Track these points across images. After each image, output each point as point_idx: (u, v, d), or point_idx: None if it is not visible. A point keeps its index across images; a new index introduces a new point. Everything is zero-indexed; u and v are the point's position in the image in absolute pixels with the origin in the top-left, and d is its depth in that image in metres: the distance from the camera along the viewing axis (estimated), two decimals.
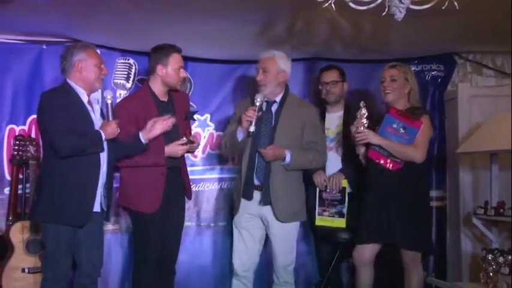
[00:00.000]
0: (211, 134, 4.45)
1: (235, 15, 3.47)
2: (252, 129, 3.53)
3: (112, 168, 3.32)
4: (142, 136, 3.38)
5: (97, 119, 3.27)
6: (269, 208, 3.59)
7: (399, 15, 2.32)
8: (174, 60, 3.53)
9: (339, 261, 4.13)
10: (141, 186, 3.50)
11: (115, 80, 4.24)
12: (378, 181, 3.52)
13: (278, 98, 3.68)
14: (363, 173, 3.79)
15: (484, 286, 3.69)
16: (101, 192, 3.20)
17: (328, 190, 3.92)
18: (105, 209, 3.25)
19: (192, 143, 3.61)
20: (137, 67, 4.27)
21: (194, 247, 4.33)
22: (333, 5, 2.33)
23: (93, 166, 3.16)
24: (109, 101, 3.30)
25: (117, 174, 3.60)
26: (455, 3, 2.33)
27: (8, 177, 3.99)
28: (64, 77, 3.25)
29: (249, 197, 3.63)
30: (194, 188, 4.26)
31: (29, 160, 3.81)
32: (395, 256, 3.57)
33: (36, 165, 3.75)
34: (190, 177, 3.90)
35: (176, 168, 3.64)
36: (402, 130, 3.46)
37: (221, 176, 4.44)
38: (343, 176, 3.92)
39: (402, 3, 2.27)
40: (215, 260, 4.37)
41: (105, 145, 3.19)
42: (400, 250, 3.52)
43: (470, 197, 4.31)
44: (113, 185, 3.39)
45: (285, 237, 3.64)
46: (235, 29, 3.70)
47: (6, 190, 3.98)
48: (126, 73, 4.27)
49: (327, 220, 3.92)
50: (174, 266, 3.71)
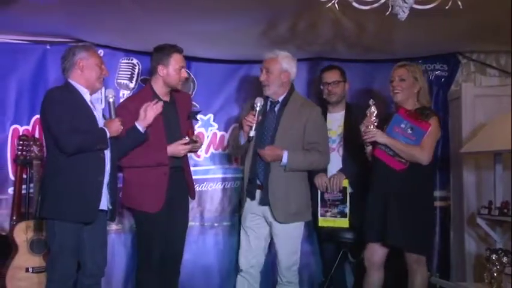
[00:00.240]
0: (214, 134, 4.44)
1: (238, 15, 3.46)
2: (252, 134, 3.54)
3: (115, 167, 3.34)
4: (139, 125, 3.41)
5: (99, 118, 3.29)
6: (268, 208, 3.58)
7: (402, 14, 2.32)
8: (175, 60, 3.54)
9: (343, 261, 4.13)
10: (144, 186, 3.51)
11: (118, 80, 4.24)
12: (382, 181, 3.51)
13: (281, 98, 3.67)
14: (365, 173, 3.80)
15: (488, 286, 3.68)
16: (106, 190, 3.20)
17: (329, 191, 3.92)
18: (110, 207, 3.25)
19: (195, 143, 3.62)
20: (141, 67, 4.27)
21: (198, 247, 4.33)
22: (336, 5, 2.32)
23: (98, 164, 3.17)
24: (111, 100, 3.33)
25: (120, 174, 3.62)
26: (459, 2, 2.32)
27: (12, 177, 3.99)
28: (65, 78, 3.26)
29: (252, 197, 3.64)
30: (197, 188, 4.25)
31: (33, 160, 3.81)
32: (399, 257, 3.57)
33: (40, 165, 3.75)
34: (193, 177, 3.90)
35: (179, 168, 3.65)
36: (410, 131, 3.44)
37: (224, 176, 4.44)
38: (343, 176, 3.92)
39: (406, 2, 2.26)
40: (219, 260, 4.36)
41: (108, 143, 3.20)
42: (404, 251, 3.52)
43: (474, 197, 4.30)
44: (117, 185, 3.40)
45: (288, 237, 3.62)
46: (238, 29, 3.70)
47: (10, 190, 3.99)
48: (129, 73, 4.27)
49: (330, 220, 3.93)
50: (179, 267, 3.72)
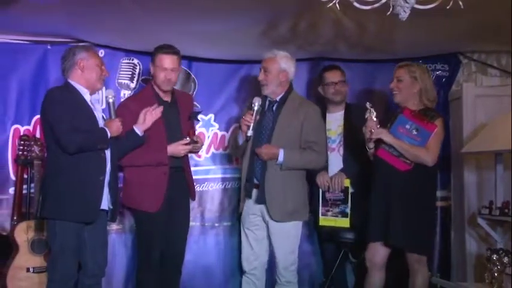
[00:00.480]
0: (215, 134, 4.44)
1: (239, 15, 3.46)
2: (250, 133, 3.55)
3: (116, 167, 3.34)
4: (137, 129, 3.43)
5: (99, 118, 3.29)
6: (264, 207, 3.58)
7: (404, 14, 2.32)
8: (159, 60, 3.56)
9: (343, 261, 4.13)
10: (144, 185, 3.52)
11: (119, 80, 4.24)
12: (385, 181, 3.50)
13: (279, 98, 3.67)
14: (366, 173, 3.80)
15: (489, 286, 3.68)
16: (106, 190, 3.21)
17: (330, 190, 3.92)
18: (110, 207, 3.25)
19: (196, 143, 3.62)
20: (141, 67, 4.27)
21: (198, 247, 4.32)
22: (337, 5, 2.32)
23: (99, 163, 3.17)
24: (111, 100, 3.34)
25: (121, 174, 3.62)
26: (460, 2, 2.32)
27: (13, 177, 4.00)
28: (65, 78, 3.26)
29: (249, 195, 3.64)
30: (198, 188, 4.25)
31: (34, 160, 3.81)
32: (400, 257, 3.56)
33: (40, 165, 3.75)
34: (194, 177, 3.90)
35: (180, 168, 3.65)
36: (415, 132, 3.43)
37: (225, 176, 4.43)
38: (344, 176, 3.92)
39: (407, 2, 2.26)
40: (219, 260, 4.36)
41: None
42: (406, 251, 3.52)
43: (475, 197, 4.30)
44: (118, 185, 3.40)
45: (285, 237, 3.60)
46: (239, 29, 3.70)
47: (11, 190, 3.99)
48: (130, 73, 4.27)
49: (331, 220, 3.93)
50: (180, 267, 3.72)
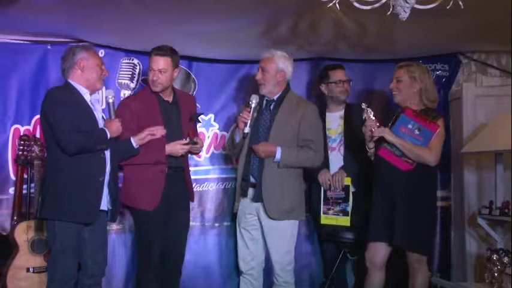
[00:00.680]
0: (215, 134, 4.44)
1: (239, 15, 3.46)
2: (247, 130, 3.55)
3: (116, 167, 3.34)
4: (133, 141, 3.45)
5: (99, 118, 3.29)
6: (261, 205, 3.57)
7: (404, 14, 2.32)
8: (150, 60, 3.61)
9: (343, 261, 4.13)
10: (142, 184, 3.53)
11: (119, 80, 4.24)
12: (387, 181, 3.51)
13: (276, 97, 3.68)
14: (366, 172, 3.80)
15: (489, 286, 3.68)
16: (106, 190, 3.21)
17: (332, 189, 3.93)
18: (110, 208, 3.26)
19: (195, 144, 3.62)
20: (141, 67, 4.27)
21: (198, 247, 4.33)
22: (337, 5, 2.32)
23: (98, 164, 3.17)
24: (110, 100, 3.34)
25: (121, 174, 3.62)
26: (460, 2, 2.32)
27: (13, 177, 4.00)
28: (65, 78, 3.26)
29: (245, 194, 3.65)
30: (198, 188, 4.26)
31: (34, 160, 3.81)
32: (400, 257, 3.57)
33: (40, 165, 3.75)
34: (194, 177, 3.91)
35: (179, 168, 3.65)
36: (417, 131, 3.43)
37: (225, 176, 4.43)
38: (345, 173, 3.93)
39: (407, 2, 2.26)
40: (220, 260, 4.36)
41: None
42: (405, 251, 3.52)
43: (475, 197, 4.30)
44: (118, 185, 3.40)
45: (280, 236, 3.59)
46: (239, 29, 3.70)
47: (11, 190, 3.99)
48: (130, 73, 4.27)
49: (332, 218, 3.94)
50: (180, 267, 3.72)
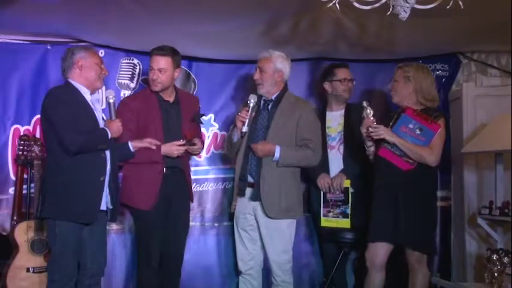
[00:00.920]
0: (215, 134, 4.43)
1: (240, 15, 3.46)
2: (245, 129, 3.55)
3: (116, 167, 3.34)
4: (131, 145, 3.47)
5: (99, 118, 3.29)
6: (259, 204, 3.57)
7: (404, 14, 2.32)
8: (150, 60, 3.63)
9: (343, 261, 4.13)
10: (139, 183, 3.55)
11: (119, 80, 4.24)
12: (387, 180, 3.51)
13: (274, 97, 3.68)
14: (366, 172, 3.81)
15: (489, 286, 3.68)
16: (106, 190, 3.21)
17: (331, 191, 3.93)
18: (110, 208, 3.25)
19: (193, 145, 3.61)
20: (141, 67, 4.27)
21: (198, 247, 4.32)
22: (337, 5, 2.32)
23: (99, 164, 3.17)
24: (111, 100, 3.35)
25: (120, 174, 3.62)
26: (460, 2, 2.32)
27: (13, 177, 4.00)
28: (65, 78, 3.26)
29: (242, 194, 3.65)
30: (198, 188, 4.26)
31: (34, 160, 3.81)
32: (400, 257, 3.57)
33: (40, 165, 3.75)
34: (194, 177, 3.92)
35: (178, 168, 3.65)
36: (418, 131, 3.43)
37: (225, 176, 4.42)
38: (344, 177, 3.94)
39: (407, 2, 2.26)
40: (219, 260, 4.35)
41: None
42: (406, 251, 3.52)
43: (475, 197, 4.30)
44: (118, 185, 3.40)
45: (278, 235, 3.58)
46: (239, 30, 3.70)
47: (11, 190, 3.99)
48: (130, 73, 4.27)
49: (332, 221, 3.95)
50: (179, 268, 3.72)
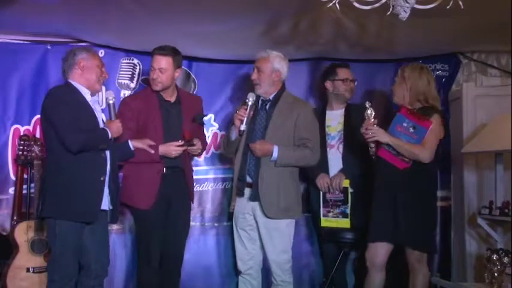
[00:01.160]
0: (215, 134, 4.43)
1: (240, 15, 3.46)
2: (243, 127, 3.55)
3: (116, 167, 3.34)
4: (131, 144, 3.47)
5: (99, 119, 3.29)
6: (258, 204, 3.57)
7: (404, 14, 2.32)
8: (152, 60, 3.64)
9: (343, 261, 4.13)
10: (139, 183, 3.56)
11: (119, 80, 4.24)
12: (387, 180, 3.51)
13: (272, 97, 3.68)
14: (366, 172, 3.82)
15: (489, 286, 3.68)
16: (106, 190, 3.20)
17: (331, 191, 3.93)
18: (110, 208, 3.25)
19: (192, 146, 3.61)
20: (141, 67, 4.27)
21: (198, 247, 4.32)
22: (337, 5, 2.32)
23: (99, 164, 3.17)
24: (111, 101, 3.35)
25: (120, 174, 3.62)
26: (460, 2, 2.32)
27: (13, 177, 3.99)
28: (65, 79, 3.25)
29: (241, 194, 3.64)
30: (198, 188, 4.25)
31: (34, 160, 3.81)
32: (400, 257, 3.57)
33: (40, 165, 3.75)
34: (194, 177, 3.90)
35: (178, 168, 3.65)
36: (412, 129, 3.44)
37: (225, 176, 4.42)
38: (344, 176, 3.94)
39: (407, 2, 2.26)
40: (219, 260, 4.35)
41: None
42: (406, 250, 3.52)
43: (475, 197, 4.30)
44: (118, 185, 3.40)
45: (276, 235, 3.57)
46: (239, 30, 3.70)
47: (11, 190, 3.99)
48: (130, 73, 4.27)
49: (332, 221, 3.95)
50: (179, 268, 3.72)
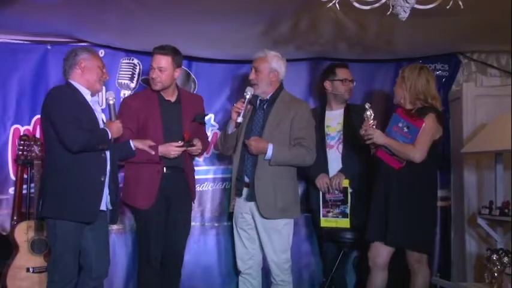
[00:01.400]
0: (215, 134, 4.42)
1: (239, 15, 3.47)
2: (240, 120, 3.56)
3: (116, 167, 3.34)
4: (132, 144, 3.48)
5: (99, 119, 3.29)
6: (255, 204, 3.56)
7: (404, 14, 2.32)
8: (151, 59, 3.64)
9: (343, 261, 4.13)
10: (138, 182, 3.56)
11: (119, 80, 4.24)
12: (384, 180, 3.52)
13: (269, 96, 3.68)
14: (365, 172, 3.84)
15: (489, 286, 3.68)
16: (106, 191, 3.20)
17: (330, 191, 3.93)
18: (110, 208, 3.25)
19: (192, 146, 3.61)
20: (141, 67, 4.27)
21: (198, 247, 4.32)
22: (337, 5, 2.33)
23: (100, 164, 3.17)
24: (111, 102, 3.35)
25: (121, 174, 3.62)
26: (459, 2, 2.32)
27: (13, 177, 3.99)
28: (66, 78, 3.25)
29: (239, 194, 3.64)
30: (198, 188, 4.24)
31: (34, 160, 3.81)
32: (401, 258, 3.57)
33: (40, 165, 3.75)
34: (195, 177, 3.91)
35: (178, 168, 3.65)
36: (406, 129, 3.46)
37: (225, 176, 4.41)
38: (343, 176, 3.94)
39: (407, 2, 2.26)
40: (220, 260, 4.35)
41: None
42: (406, 251, 3.52)
43: (474, 197, 4.30)
44: (118, 186, 3.40)
45: (275, 235, 3.57)
46: (239, 29, 3.70)
47: (11, 190, 3.99)
48: (130, 73, 4.27)
49: (331, 221, 3.95)
50: (179, 268, 3.73)
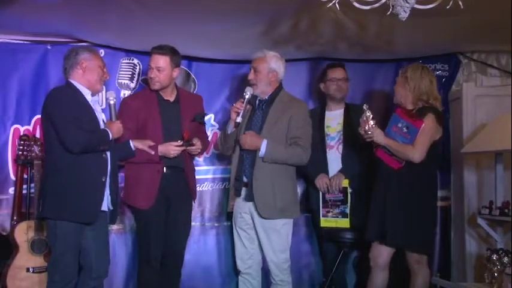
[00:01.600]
0: (215, 134, 4.42)
1: (239, 15, 3.47)
2: (239, 119, 3.56)
3: (116, 168, 3.34)
4: (132, 144, 3.48)
5: (100, 119, 3.29)
6: (253, 204, 3.55)
7: (404, 14, 2.32)
8: (151, 59, 3.63)
9: (343, 261, 4.13)
10: (138, 182, 3.56)
11: (119, 80, 4.24)
12: (383, 180, 3.53)
13: (268, 96, 3.67)
14: (365, 172, 3.85)
15: (489, 286, 3.68)
16: (107, 191, 3.20)
17: (330, 191, 3.93)
18: (110, 209, 3.25)
19: (191, 146, 3.61)
20: (141, 67, 4.27)
21: (199, 247, 4.32)
22: (337, 5, 2.33)
23: (100, 164, 3.17)
24: (111, 102, 3.35)
25: (121, 174, 3.62)
26: (459, 2, 2.32)
27: (13, 177, 3.99)
28: (66, 78, 3.25)
29: (238, 194, 3.64)
30: (198, 188, 4.24)
31: (34, 160, 3.81)
32: (401, 258, 3.57)
33: (40, 165, 3.75)
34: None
35: (179, 168, 3.65)
36: (405, 129, 3.46)
37: (225, 176, 4.40)
38: (343, 177, 3.94)
39: (407, 2, 2.26)
40: (220, 260, 4.35)
41: None
42: (405, 251, 3.52)
43: (474, 197, 4.30)
44: (118, 186, 3.40)
45: (273, 235, 3.56)
46: (239, 30, 3.70)
47: (11, 190, 3.99)
48: (130, 73, 4.27)
49: (331, 221, 3.96)
50: (179, 268, 3.73)
